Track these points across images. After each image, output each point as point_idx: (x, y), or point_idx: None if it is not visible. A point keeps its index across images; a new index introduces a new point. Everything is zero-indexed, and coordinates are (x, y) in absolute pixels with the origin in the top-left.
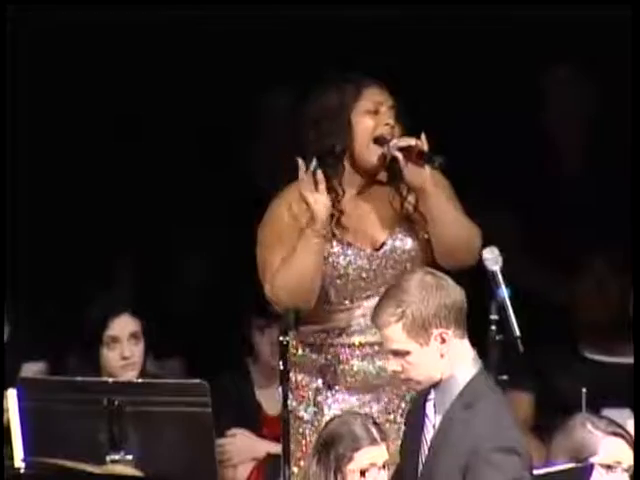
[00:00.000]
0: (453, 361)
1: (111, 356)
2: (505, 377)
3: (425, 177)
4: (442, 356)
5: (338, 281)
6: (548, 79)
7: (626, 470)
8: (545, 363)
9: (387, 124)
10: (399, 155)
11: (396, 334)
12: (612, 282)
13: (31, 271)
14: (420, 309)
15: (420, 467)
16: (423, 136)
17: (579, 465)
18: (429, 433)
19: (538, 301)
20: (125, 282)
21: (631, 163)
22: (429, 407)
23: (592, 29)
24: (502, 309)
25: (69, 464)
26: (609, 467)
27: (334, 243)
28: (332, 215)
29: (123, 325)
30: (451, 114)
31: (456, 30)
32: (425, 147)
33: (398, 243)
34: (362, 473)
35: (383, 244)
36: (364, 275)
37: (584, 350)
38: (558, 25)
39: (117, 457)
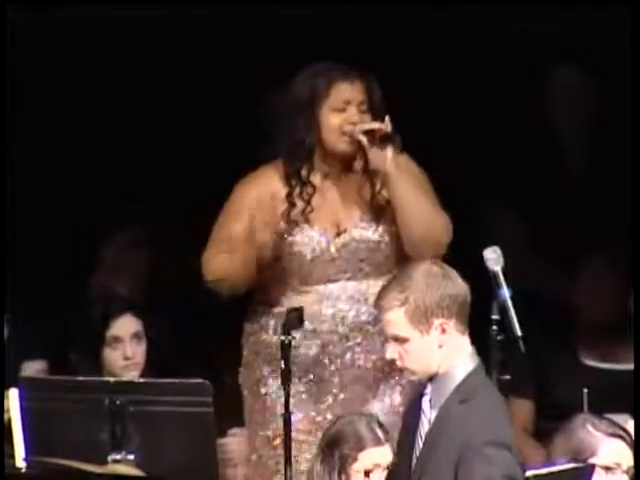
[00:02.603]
0: (451, 355)
1: (113, 356)
2: (508, 377)
3: (387, 159)
4: (440, 347)
5: (295, 263)
6: (550, 78)
7: (625, 472)
8: (545, 369)
9: (352, 123)
10: (363, 139)
11: (398, 319)
12: (612, 285)
13: (31, 270)
14: (424, 297)
15: (415, 461)
16: (387, 118)
17: (580, 465)
18: (424, 428)
19: (539, 303)
20: (127, 282)
21: (631, 163)
22: (425, 402)
23: (593, 29)
24: (503, 309)
25: (71, 464)
26: (608, 468)
27: (296, 225)
28: (294, 203)
29: (125, 325)
30: (453, 114)
31: (458, 30)
32: (388, 129)
33: (361, 232)
34: (366, 473)
35: (345, 231)
36: (322, 259)
37: (583, 357)
38: (559, 25)
39: (119, 457)
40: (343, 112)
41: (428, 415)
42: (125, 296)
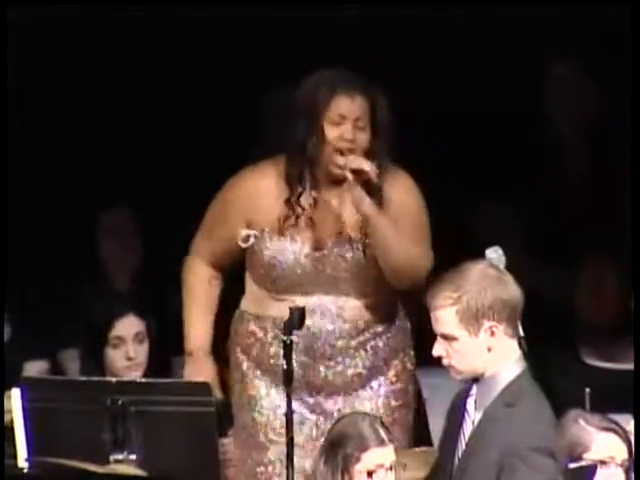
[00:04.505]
0: (498, 358)
1: (116, 356)
2: None
3: (366, 204)
4: (489, 350)
5: (274, 273)
6: (550, 78)
7: (620, 465)
8: (547, 369)
9: (345, 140)
10: (349, 176)
11: (448, 318)
12: (612, 284)
13: (31, 270)
14: (476, 298)
15: (456, 462)
16: (373, 166)
17: (582, 465)
18: (468, 429)
19: (540, 303)
20: (128, 282)
21: (632, 163)
22: (470, 403)
23: (593, 29)
24: None
25: (72, 464)
26: (603, 462)
27: (277, 236)
28: (289, 215)
29: (128, 325)
30: (453, 113)
31: (458, 29)
32: (374, 177)
33: (341, 249)
34: (369, 474)
35: (324, 246)
36: (299, 272)
37: (585, 356)
38: (559, 24)
39: (120, 457)
40: (338, 126)
41: (472, 416)
42: (128, 296)
